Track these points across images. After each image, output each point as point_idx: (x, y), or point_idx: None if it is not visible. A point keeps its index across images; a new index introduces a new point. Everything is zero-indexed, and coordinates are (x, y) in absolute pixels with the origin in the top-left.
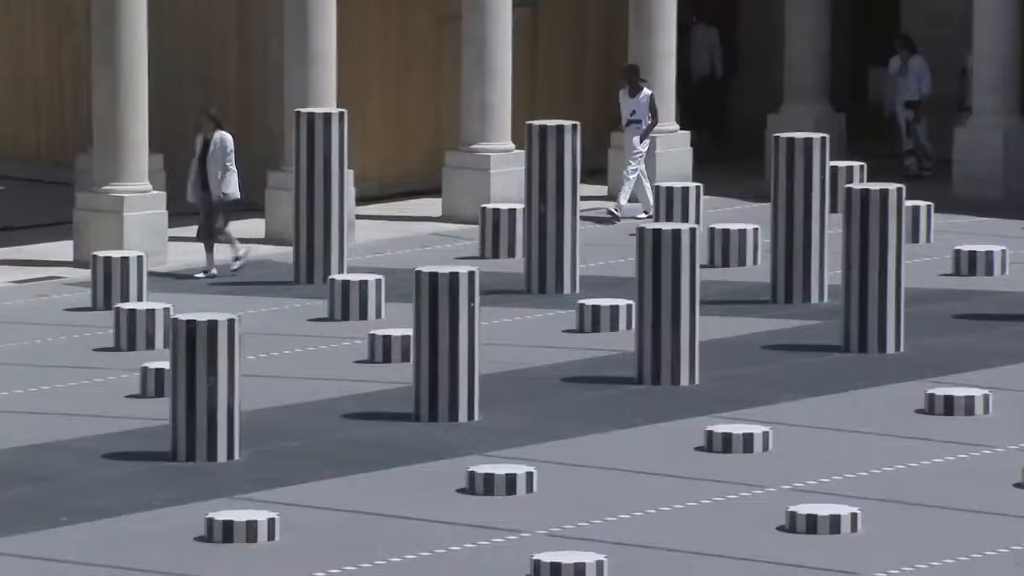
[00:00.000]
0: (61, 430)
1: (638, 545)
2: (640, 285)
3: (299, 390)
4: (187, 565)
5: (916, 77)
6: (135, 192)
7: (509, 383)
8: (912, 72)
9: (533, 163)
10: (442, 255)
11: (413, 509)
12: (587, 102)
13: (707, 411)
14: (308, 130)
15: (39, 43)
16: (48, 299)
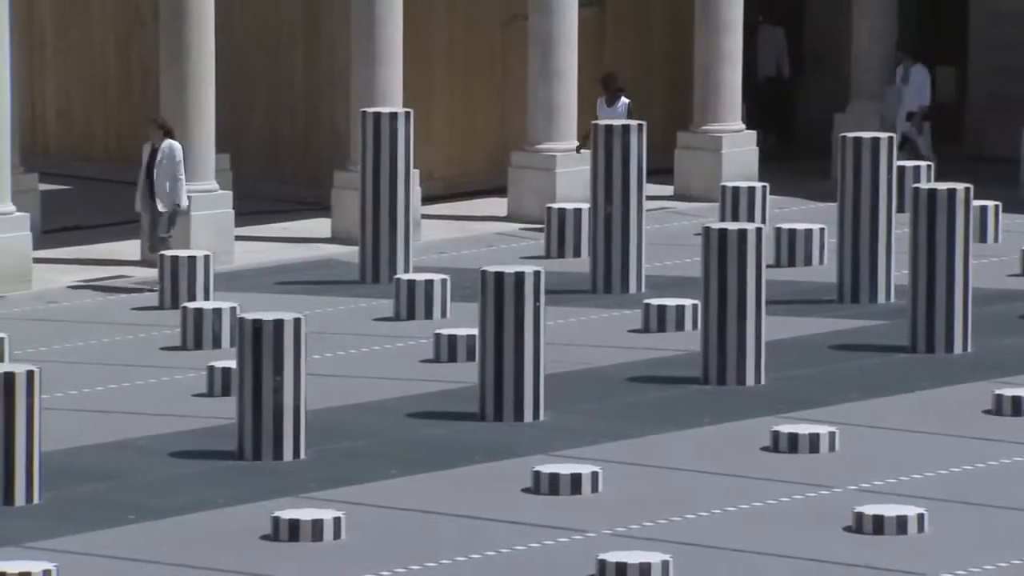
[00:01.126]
0: (128, 429)
1: (704, 545)
2: (706, 285)
3: (364, 389)
4: (253, 564)
5: (917, 87)
6: (202, 191)
7: (574, 383)
8: (913, 82)
9: (599, 163)
10: (507, 255)
11: (478, 508)
12: (653, 102)
13: (773, 411)
14: (374, 129)
15: (108, 42)
16: (116, 298)
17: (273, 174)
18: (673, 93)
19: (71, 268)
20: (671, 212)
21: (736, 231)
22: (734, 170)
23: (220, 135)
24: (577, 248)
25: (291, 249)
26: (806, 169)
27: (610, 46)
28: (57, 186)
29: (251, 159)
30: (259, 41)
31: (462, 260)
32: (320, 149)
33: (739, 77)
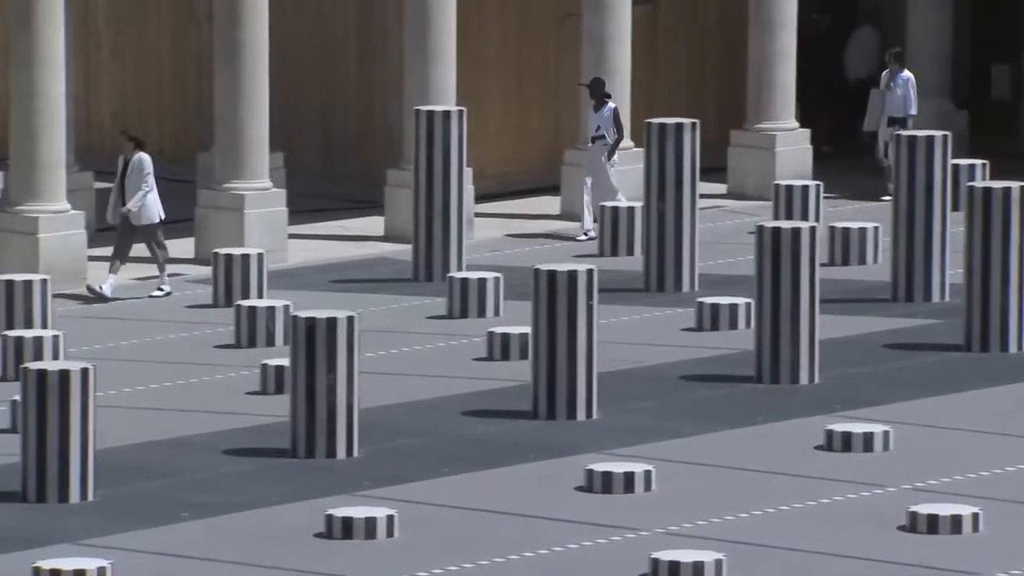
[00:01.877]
0: (182, 427)
1: (757, 544)
2: (759, 283)
3: (417, 387)
4: (306, 561)
5: (902, 94)
6: (256, 189)
7: (627, 381)
8: (899, 88)
9: (652, 161)
10: (560, 253)
11: (531, 507)
12: (707, 100)
13: (827, 410)
14: (428, 128)
15: (163, 41)
16: (170, 296)
17: (327, 172)
18: (727, 91)
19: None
20: (724, 210)
21: (790, 230)
22: (788, 168)
23: (274, 133)
24: (630, 246)
25: (344, 247)
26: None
27: (663, 45)
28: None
29: (305, 157)
30: (313, 40)
31: (515, 258)
32: (374, 147)
33: (793, 75)
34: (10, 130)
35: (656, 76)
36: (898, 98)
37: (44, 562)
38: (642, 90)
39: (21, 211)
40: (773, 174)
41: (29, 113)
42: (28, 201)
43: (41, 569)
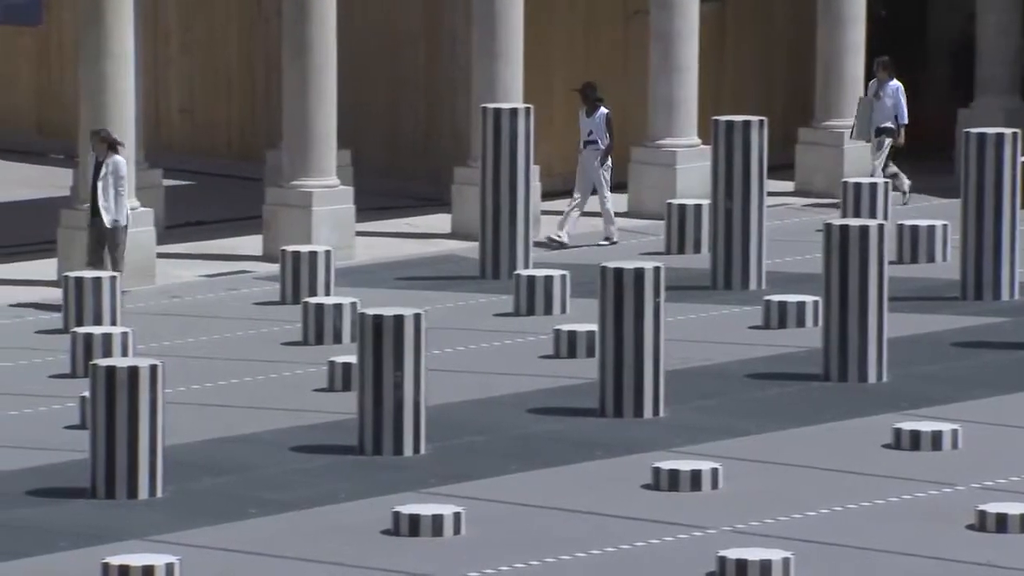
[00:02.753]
0: (250, 423)
1: (825, 543)
2: (827, 281)
3: (484, 385)
4: (374, 559)
5: (892, 103)
6: (323, 187)
7: (694, 379)
8: (888, 97)
9: (719, 158)
10: (627, 250)
11: (597, 504)
12: (775, 97)
13: (895, 408)
14: (495, 125)
15: (232, 38)
16: (237, 293)
17: (394, 170)
18: (795, 88)
19: (194, 263)
20: (792, 208)
21: (858, 227)
22: (856, 166)
23: (341, 131)
24: (697, 244)
25: (411, 245)
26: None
27: (731, 41)
28: (180, 182)
29: (372, 155)
30: (380, 36)
31: (582, 256)
32: (440, 145)
33: (862, 71)
34: (80, 126)
35: (723, 73)
36: (887, 108)
37: (113, 558)
38: (709, 87)
39: None
40: (841, 171)
41: (99, 110)
42: None
43: (110, 565)
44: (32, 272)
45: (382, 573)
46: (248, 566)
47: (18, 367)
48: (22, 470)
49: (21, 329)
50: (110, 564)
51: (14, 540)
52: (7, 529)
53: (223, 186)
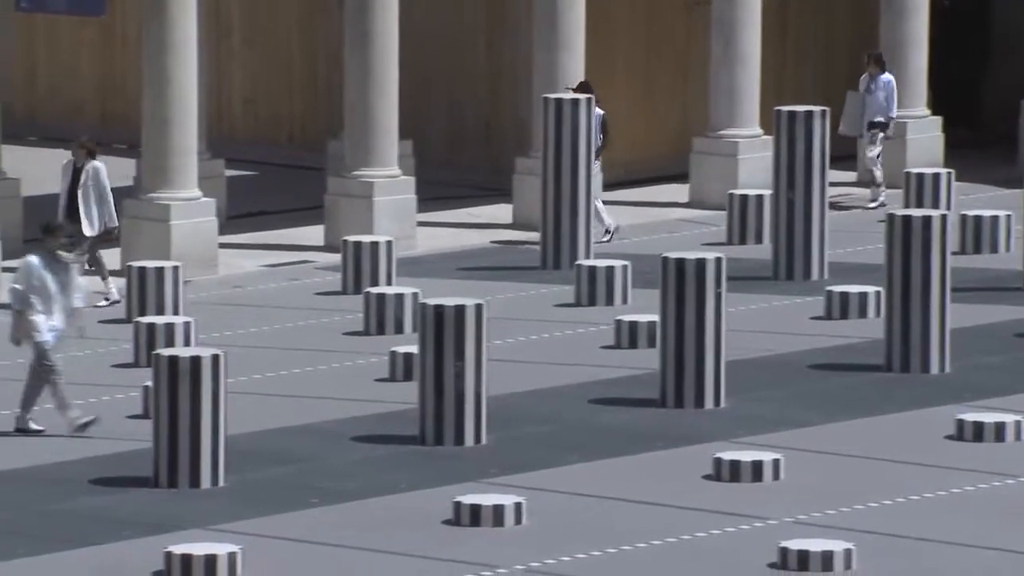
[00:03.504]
0: (311, 413)
1: (887, 534)
2: (889, 272)
3: (545, 375)
4: (435, 549)
5: (884, 97)
6: (385, 177)
7: (756, 369)
8: (880, 91)
9: (781, 149)
10: (689, 241)
11: (659, 495)
12: (837, 87)
13: (957, 399)
14: (556, 115)
15: (293, 29)
16: (299, 283)
17: (455, 160)
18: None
19: (256, 253)
20: (854, 198)
21: (921, 218)
22: (919, 157)
23: (403, 121)
24: (759, 234)
25: (472, 235)
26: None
27: (793, 31)
28: (243, 172)
29: (433, 145)
30: (442, 27)
31: (643, 246)
32: (502, 135)
33: (925, 62)
34: (142, 118)
35: (785, 63)
36: (879, 101)
37: (175, 547)
38: (771, 77)
39: (153, 198)
40: (904, 162)
41: (161, 101)
42: (160, 188)
43: (172, 554)
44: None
45: (443, 563)
46: (309, 556)
47: (82, 356)
48: (86, 459)
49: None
50: (172, 553)
51: (78, 529)
52: (71, 518)
53: (285, 176)
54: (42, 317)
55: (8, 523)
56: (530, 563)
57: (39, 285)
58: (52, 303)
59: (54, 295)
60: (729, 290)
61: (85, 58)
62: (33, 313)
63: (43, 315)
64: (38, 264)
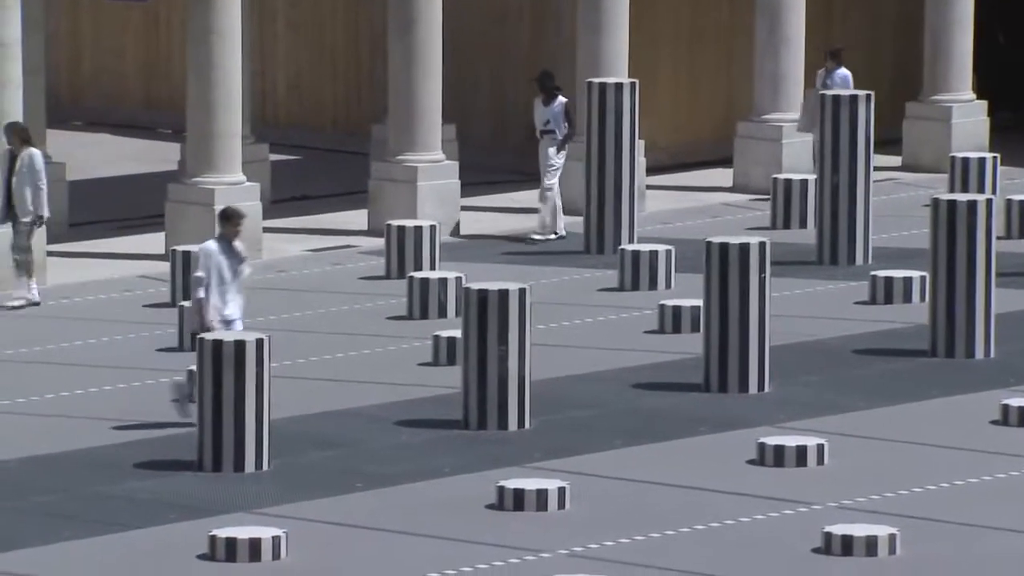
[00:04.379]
0: (355, 397)
1: (932, 519)
2: (934, 256)
3: (589, 359)
4: (478, 533)
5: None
6: (428, 162)
7: (800, 354)
8: (836, 86)
9: (826, 133)
10: (732, 226)
11: (702, 480)
12: (881, 71)
13: (1002, 384)
14: (600, 100)
15: (337, 14)
16: (343, 268)
17: (498, 145)
18: (902, 62)
19: (300, 237)
20: (899, 183)
21: (966, 202)
22: (964, 141)
23: (447, 106)
24: (803, 219)
25: (516, 219)
26: None
27: (837, 15)
28: (287, 156)
29: (477, 130)
30: (486, 12)
31: (687, 231)
32: None
33: (970, 45)
34: (187, 103)
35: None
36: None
37: (220, 531)
38: (817, 60)
39: (198, 182)
40: (949, 146)
41: (206, 86)
42: (205, 173)
43: (217, 537)
44: (141, 245)
45: (486, 548)
46: (353, 539)
47: (126, 340)
48: (131, 443)
49: (130, 302)
50: (217, 536)
51: (124, 512)
52: (117, 501)
53: (329, 161)
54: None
55: (54, 506)
56: (573, 548)
57: (216, 271)
58: (226, 291)
59: (228, 283)
60: (773, 275)
61: (130, 43)
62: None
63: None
64: (216, 250)
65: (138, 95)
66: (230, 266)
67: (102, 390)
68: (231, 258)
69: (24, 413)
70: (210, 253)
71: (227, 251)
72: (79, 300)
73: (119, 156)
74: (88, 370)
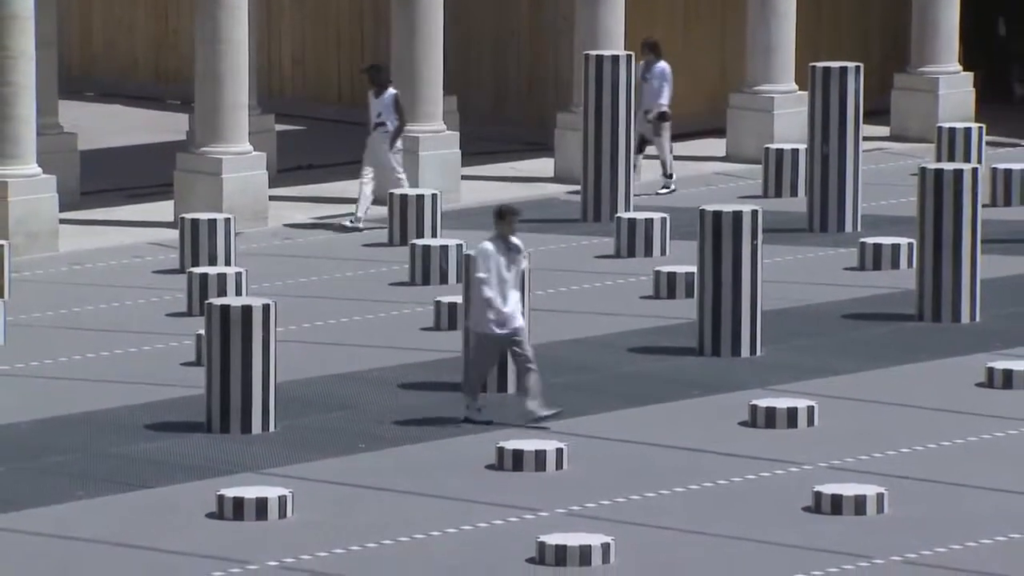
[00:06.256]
0: (359, 361)
1: (918, 479)
2: (921, 224)
3: (586, 325)
4: (478, 492)
5: (658, 85)
6: (430, 132)
7: (791, 319)
8: (654, 79)
9: (816, 104)
10: (726, 194)
11: (696, 441)
12: (871, 43)
13: (987, 348)
14: (596, 72)
15: None
16: (346, 235)
17: (498, 116)
18: (891, 34)
19: (305, 205)
20: (887, 152)
21: (952, 171)
22: (951, 111)
23: (448, 78)
24: (794, 187)
25: (515, 188)
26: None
27: None
28: (292, 127)
29: (477, 101)
30: None
31: (681, 199)
32: (544, 91)
33: (956, 17)
34: (196, 75)
35: (821, 19)
36: (653, 89)
37: (227, 490)
38: (807, 33)
39: (206, 152)
40: (936, 116)
41: (213, 58)
42: (212, 143)
43: (224, 497)
44: (151, 213)
45: (486, 507)
46: (357, 499)
47: (137, 306)
48: (141, 405)
49: (140, 269)
50: (225, 496)
51: (134, 472)
52: (127, 462)
53: (333, 131)
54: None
55: (68, 466)
56: (571, 507)
57: (495, 270)
58: (506, 288)
59: (507, 280)
60: (765, 242)
61: (140, 16)
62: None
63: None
64: (493, 250)
65: (148, 68)
66: (508, 263)
67: (114, 354)
68: (509, 255)
69: (40, 376)
70: (489, 254)
71: (504, 249)
72: (91, 266)
73: (129, 127)
74: (101, 334)
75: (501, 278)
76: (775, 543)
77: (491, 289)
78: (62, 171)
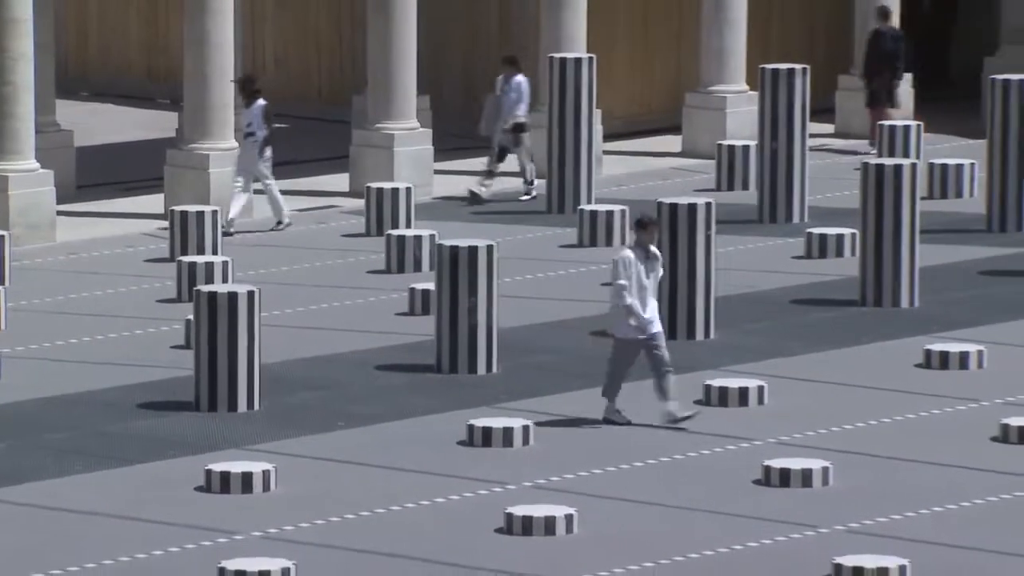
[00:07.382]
0: (338, 344)
1: (861, 453)
2: (864, 215)
3: (551, 309)
4: (450, 467)
5: (515, 98)
6: (404, 129)
7: (742, 304)
8: (512, 92)
9: (766, 103)
10: (681, 187)
11: (653, 418)
12: (817, 47)
13: (926, 331)
14: (561, 74)
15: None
16: (326, 226)
17: (469, 114)
18: (834, 38)
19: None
20: (832, 149)
21: (892, 166)
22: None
23: (421, 78)
24: (745, 181)
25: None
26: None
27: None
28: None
29: (449, 100)
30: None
31: (640, 192)
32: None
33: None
34: (184, 76)
35: (771, 24)
36: (511, 102)
37: (215, 465)
38: (758, 37)
39: (194, 148)
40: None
41: (201, 59)
42: (200, 140)
43: (212, 471)
44: (142, 206)
45: (458, 480)
46: (338, 473)
47: (129, 292)
48: (133, 385)
49: (132, 258)
50: (212, 470)
51: (127, 448)
52: (121, 438)
53: (314, 128)
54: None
55: (65, 442)
56: (537, 480)
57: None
58: (645, 296)
59: (646, 288)
60: (718, 232)
61: (133, 20)
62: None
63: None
64: (633, 259)
65: (140, 69)
66: (647, 271)
67: (108, 337)
68: (648, 263)
69: (39, 358)
70: (629, 262)
71: (644, 257)
72: (86, 256)
73: (122, 124)
74: (95, 319)
75: (641, 285)
76: (728, 514)
77: (631, 296)
78: (59, 166)
